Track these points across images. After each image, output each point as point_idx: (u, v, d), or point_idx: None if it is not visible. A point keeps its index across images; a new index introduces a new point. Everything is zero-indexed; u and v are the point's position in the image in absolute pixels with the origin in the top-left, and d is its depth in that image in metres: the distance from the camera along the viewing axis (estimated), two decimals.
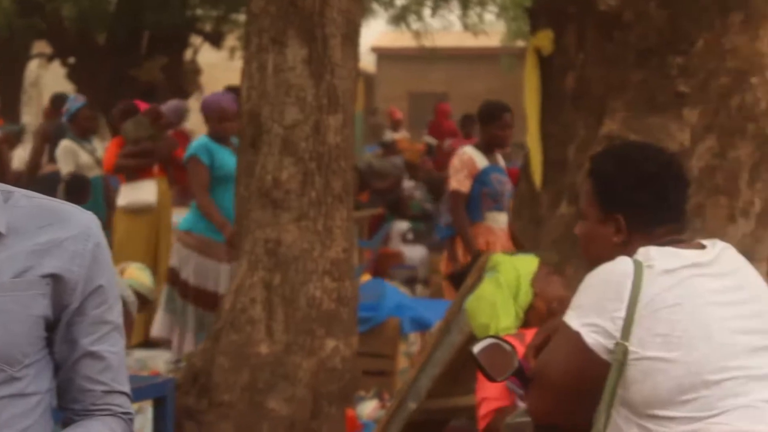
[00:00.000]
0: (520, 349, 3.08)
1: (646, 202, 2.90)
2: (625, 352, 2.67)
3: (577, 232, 3.09)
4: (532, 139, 8.49)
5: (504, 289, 4.41)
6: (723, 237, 4.68)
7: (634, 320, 2.67)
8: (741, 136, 4.73)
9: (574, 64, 5.07)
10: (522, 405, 3.39)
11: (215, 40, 17.30)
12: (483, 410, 4.11)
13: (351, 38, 5.39)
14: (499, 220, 7.44)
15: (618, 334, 2.68)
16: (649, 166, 2.93)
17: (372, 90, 27.08)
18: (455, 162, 7.60)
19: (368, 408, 6.30)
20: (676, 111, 4.66)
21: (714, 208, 4.74)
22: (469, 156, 7.50)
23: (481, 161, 7.45)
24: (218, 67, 18.62)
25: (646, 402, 2.67)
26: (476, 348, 2.96)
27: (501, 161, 7.77)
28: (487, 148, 7.55)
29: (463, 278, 4.95)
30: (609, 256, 2.82)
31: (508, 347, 2.94)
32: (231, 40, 17.62)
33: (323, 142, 5.29)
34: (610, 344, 2.69)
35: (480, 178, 7.40)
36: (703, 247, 2.87)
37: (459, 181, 7.43)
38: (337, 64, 5.30)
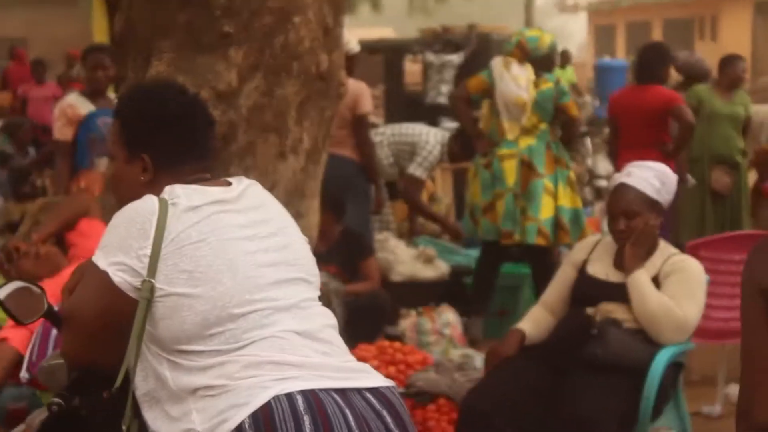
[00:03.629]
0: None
1: (169, 141, 2.94)
2: (152, 289, 2.69)
3: (108, 175, 3.09)
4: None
5: None
6: (274, 174, 4.82)
7: (160, 257, 2.70)
8: (287, 75, 4.81)
9: (121, 5, 5.00)
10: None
11: None
12: None
13: None
14: None
15: (145, 272, 2.70)
16: (170, 106, 2.96)
17: None
18: (55, 111, 7.57)
19: None
20: (222, 51, 4.68)
21: (264, 146, 4.81)
22: (68, 104, 7.45)
23: (84, 107, 7.34)
24: None
25: (174, 337, 2.70)
26: (2, 292, 2.90)
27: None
28: (93, 93, 7.45)
29: None
30: (137, 196, 2.83)
31: (37, 290, 2.91)
32: None
33: None
34: (137, 282, 2.71)
35: (85, 124, 7.29)
36: (229, 184, 2.93)
37: (58, 130, 7.40)
38: None
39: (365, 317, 7.14)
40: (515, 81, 7.67)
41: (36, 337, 4.30)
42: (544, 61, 7.88)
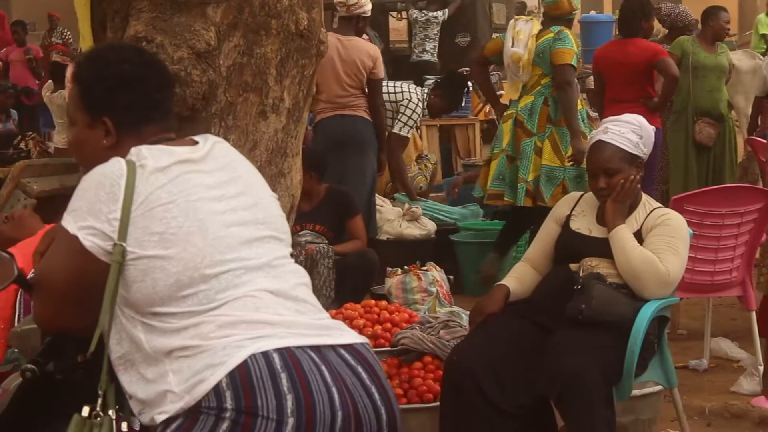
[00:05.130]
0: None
1: (128, 102, 2.91)
2: (123, 252, 2.68)
3: (69, 140, 3.07)
4: (85, 43, 8.32)
5: None
6: (255, 133, 4.79)
7: (130, 220, 2.68)
8: (266, 34, 4.77)
9: None
10: None
11: None
12: None
13: None
14: None
15: (115, 236, 2.68)
16: (126, 67, 2.94)
17: None
18: (69, 74, 7.45)
19: None
20: (200, 10, 4.62)
21: (245, 105, 4.77)
22: None
23: None
24: None
25: (147, 300, 2.69)
26: None
27: None
28: None
29: None
30: (102, 160, 2.81)
31: (6, 255, 2.89)
32: None
33: None
34: (108, 246, 2.69)
35: None
36: (195, 143, 2.91)
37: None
38: None
39: (353, 276, 7.15)
40: (516, 37, 7.63)
41: (20, 308, 4.29)
42: (560, 19, 7.73)
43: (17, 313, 4.30)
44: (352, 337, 2.83)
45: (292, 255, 2.95)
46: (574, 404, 4.29)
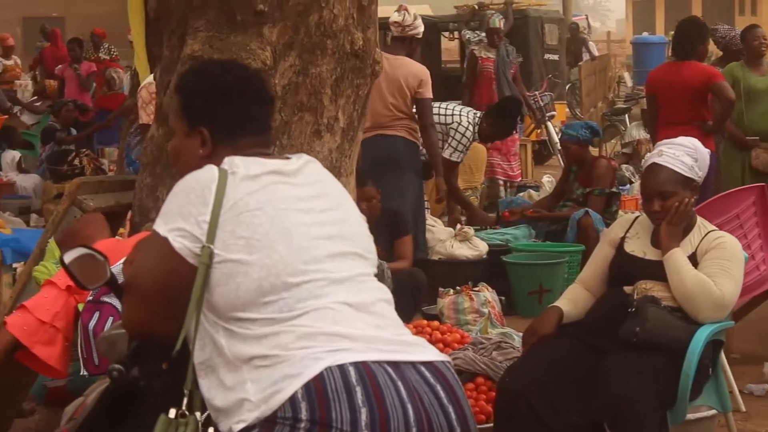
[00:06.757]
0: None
1: (227, 114, 2.98)
2: (211, 254, 2.73)
3: (168, 149, 3.14)
4: (140, 61, 8.37)
5: None
6: (310, 152, 4.79)
7: (218, 224, 2.74)
8: (321, 53, 4.80)
9: None
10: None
11: None
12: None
13: None
14: None
15: (204, 238, 2.73)
16: (228, 80, 3.01)
17: None
18: (143, 94, 7.49)
19: None
20: (256, 29, 4.67)
21: (300, 125, 4.81)
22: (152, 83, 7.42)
23: None
24: None
25: (229, 305, 2.73)
26: (67, 257, 2.94)
27: None
28: None
29: None
30: (197, 168, 2.87)
31: (100, 257, 2.94)
32: None
33: None
34: (196, 248, 2.75)
35: None
36: (288, 158, 2.97)
37: (149, 115, 7.30)
38: None
39: (402, 296, 7.14)
40: None
41: (79, 334, 4.33)
42: None
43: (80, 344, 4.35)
44: (432, 354, 2.83)
45: (375, 275, 2.97)
46: (627, 428, 4.26)
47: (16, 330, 4.36)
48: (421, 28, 8.58)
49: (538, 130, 14.31)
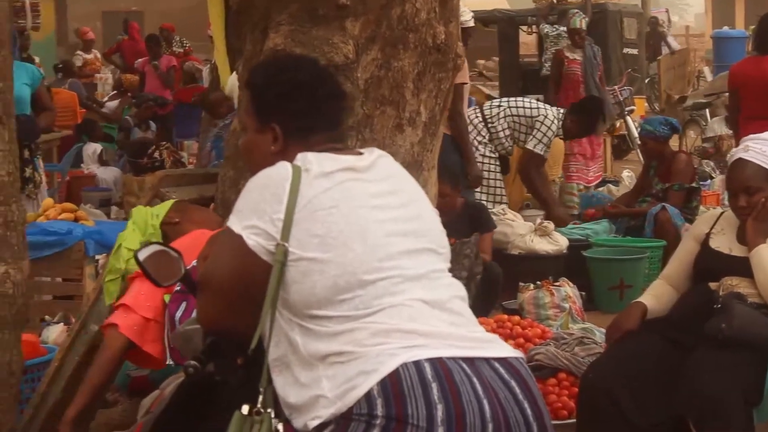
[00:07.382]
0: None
1: (299, 110, 2.96)
2: (285, 252, 2.72)
3: (240, 145, 3.14)
4: (219, 55, 8.40)
5: (134, 232, 4.73)
6: (392, 146, 4.80)
7: (293, 221, 2.73)
8: (404, 47, 4.79)
9: None
10: None
11: None
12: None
13: None
14: None
15: (278, 236, 2.73)
16: (300, 75, 2.99)
17: (64, 10, 26.14)
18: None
19: (55, 332, 6.21)
20: (338, 23, 4.67)
21: (382, 119, 4.80)
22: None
23: None
24: None
25: (305, 302, 2.72)
26: (141, 254, 2.96)
27: None
28: None
29: None
30: (269, 165, 2.86)
31: (174, 254, 2.96)
32: None
33: None
34: (271, 246, 2.74)
35: None
36: (360, 154, 2.95)
37: None
38: None
39: (481, 290, 7.12)
40: None
41: (166, 324, 4.36)
42: None
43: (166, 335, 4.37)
44: (506, 350, 2.82)
45: (449, 270, 2.95)
46: (713, 425, 4.20)
47: (129, 331, 4.38)
48: (468, 17, 8.56)
49: (617, 125, 14.17)
